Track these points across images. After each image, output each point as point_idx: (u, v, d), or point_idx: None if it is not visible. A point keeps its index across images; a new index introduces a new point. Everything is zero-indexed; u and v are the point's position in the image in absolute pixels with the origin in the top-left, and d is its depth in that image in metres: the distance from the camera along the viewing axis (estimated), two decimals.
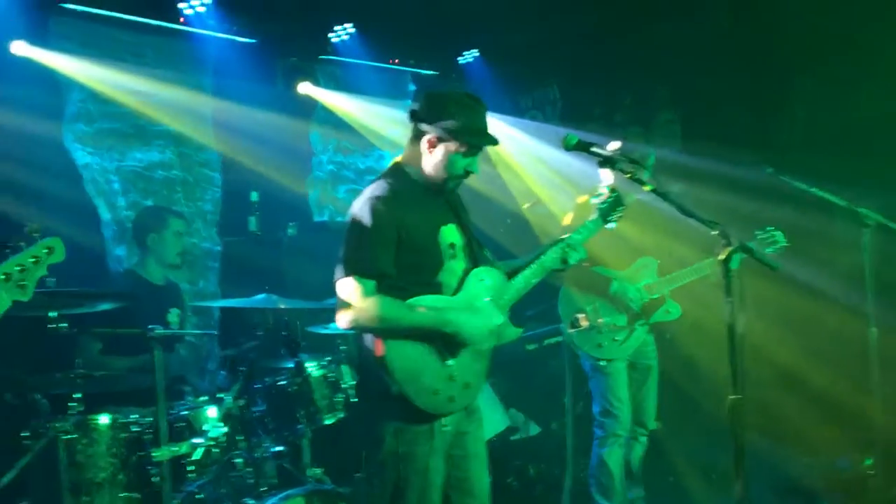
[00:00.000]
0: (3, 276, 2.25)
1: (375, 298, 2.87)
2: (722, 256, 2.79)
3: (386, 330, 2.87)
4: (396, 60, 6.94)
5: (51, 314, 3.35)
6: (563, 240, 3.32)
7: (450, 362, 2.93)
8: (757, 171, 4.74)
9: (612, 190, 3.73)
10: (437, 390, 2.90)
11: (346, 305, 2.88)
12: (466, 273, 3.11)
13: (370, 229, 2.91)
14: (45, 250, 2.38)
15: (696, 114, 6.71)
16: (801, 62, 6.12)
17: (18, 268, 2.29)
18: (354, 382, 4.37)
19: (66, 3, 4.65)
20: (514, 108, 7.30)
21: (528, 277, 3.23)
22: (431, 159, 3.04)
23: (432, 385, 2.89)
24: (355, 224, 2.96)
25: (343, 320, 2.90)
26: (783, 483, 5.09)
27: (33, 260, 2.32)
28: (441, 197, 3.15)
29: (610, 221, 3.70)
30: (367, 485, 4.66)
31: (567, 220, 4.58)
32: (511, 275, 3.23)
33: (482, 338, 3.02)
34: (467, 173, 3.08)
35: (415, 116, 3.08)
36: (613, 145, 3.28)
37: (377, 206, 2.94)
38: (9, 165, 4.48)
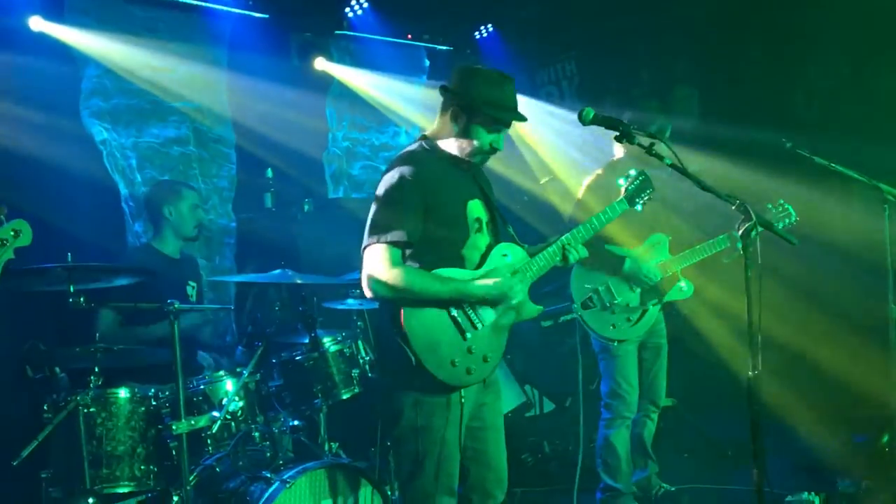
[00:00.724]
0: None
1: (402, 267, 2.89)
2: (741, 231, 2.78)
3: (410, 298, 2.88)
4: (410, 36, 6.90)
5: (70, 289, 3.36)
6: (560, 236, 3.31)
7: (469, 335, 2.95)
8: (776, 146, 4.69)
9: (641, 172, 3.75)
10: (456, 362, 2.91)
11: (372, 273, 2.89)
12: (489, 249, 3.12)
13: (399, 198, 2.93)
14: (12, 233, 2.38)
15: (715, 88, 6.64)
16: (821, 36, 6.03)
17: None
18: (371, 357, 4.41)
19: None
20: (530, 84, 7.24)
21: (550, 256, 3.23)
22: (457, 133, 3.06)
23: (451, 357, 2.91)
24: (384, 193, 2.97)
25: (369, 288, 2.91)
26: (800, 460, 5.09)
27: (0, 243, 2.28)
28: (468, 171, 3.15)
29: (637, 204, 3.72)
30: (386, 457, 4.74)
31: (580, 193, 4.55)
32: (533, 253, 3.22)
33: (504, 298, 3.02)
34: (493, 149, 3.08)
35: (445, 89, 3.10)
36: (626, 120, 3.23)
37: (406, 175, 2.95)
38: (28, 141, 4.50)
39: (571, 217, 4.48)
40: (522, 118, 3.10)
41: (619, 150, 4.60)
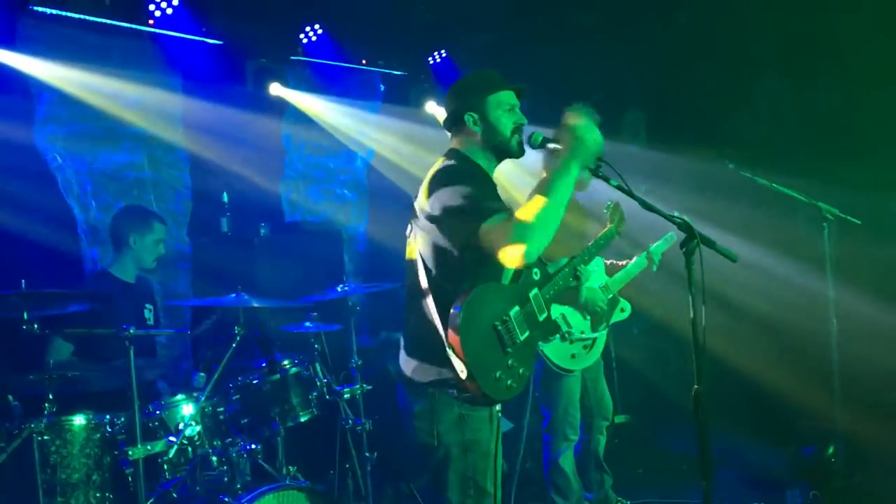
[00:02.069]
0: None
1: (517, 214, 2.74)
2: (684, 250, 2.89)
3: (550, 224, 2.72)
4: (365, 61, 6.98)
5: (24, 315, 3.35)
6: (574, 258, 3.38)
7: (509, 349, 2.91)
8: (719, 167, 4.86)
9: (616, 205, 3.86)
10: (499, 377, 2.87)
11: (509, 240, 2.70)
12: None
13: (471, 189, 2.85)
14: None
15: (662, 112, 6.83)
16: (764, 59, 6.25)
17: None
18: (329, 379, 4.44)
19: (35, 5, 4.63)
20: None
21: (565, 276, 3.28)
22: (482, 132, 3.06)
23: (495, 371, 2.86)
24: (452, 196, 2.86)
25: (510, 254, 2.70)
26: (750, 473, 5.21)
27: None
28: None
29: (620, 233, 3.83)
30: (345, 479, 4.75)
31: None
32: (553, 273, 3.27)
33: (594, 144, 2.89)
34: (519, 126, 3.08)
35: (449, 117, 3.12)
36: None
37: (464, 176, 2.92)
38: None
39: None
40: (523, 86, 3.14)
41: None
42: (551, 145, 3.00)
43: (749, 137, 6.36)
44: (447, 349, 2.81)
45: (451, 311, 2.82)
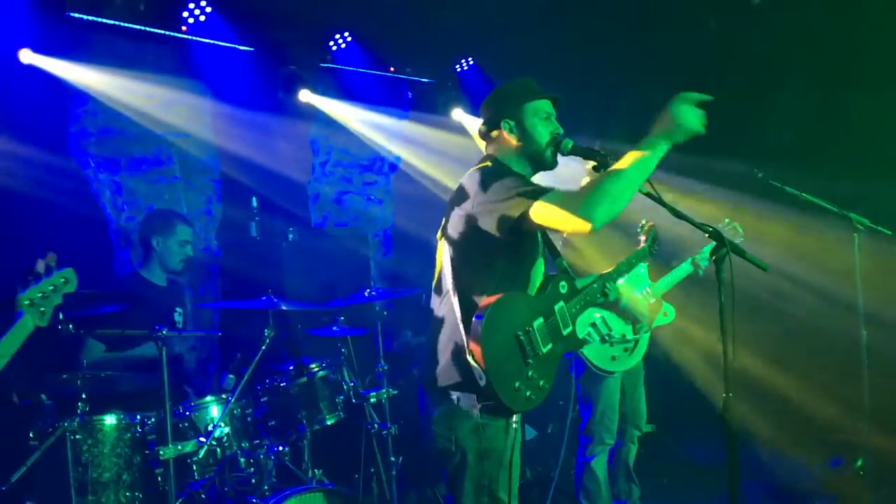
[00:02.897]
0: (27, 302, 2.38)
1: (585, 185, 2.74)
2: (713, 258, 2.88)
3: (622, 196, 2.69)
4: (393, 69, 7.03)
5: (59, 315, 3.40)
6: (603, 275, 3.35)
7: (531, 360, 2.89)
8: (748, 176, 4.83)
9: (651, 226, 3.88)
10: (519, 387, 2.86)
11: (566, 217, 2.69)
12: (545, 276, 3.10)
13: (515, 179, 2.86)
14: (62, 280, 2.51)
15: None
16: (793, 66, 6.21)
17: (40, 294, 2.42)
18: (355, 383, 4.47)
19: (72, 12, 4.72)
20: None
21: (593, 293, 3.26)
22: (520, 143, 3.06)
23: (515, 381, 2.85)
24: (496, 187, 2.84)
25: (575, 222, 2.67)
26: (777, 483, 5.17)
27: (52, 288, 2.46)
28: None
29: (653, 253, 3.83)
30: (370, 484, 4.76)
31: None
32: (580, 288, 3.23)
33: (694, 123, 2.87)
34: (556, 137, 3.06)
35: (485, 124, 3.15)
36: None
37: (502, 171, 2.93)
38: (16, 172, 4.56)
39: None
40: (559, 96, 3.14)
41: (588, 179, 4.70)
42: (590, 152, 3.00)
43: (777, 145, 6.32)
44: (468, 355, 2.81)
45: (475, 317, 2.82)
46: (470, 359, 2.80)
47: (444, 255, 3.04)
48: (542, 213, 2.73)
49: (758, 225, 4.76)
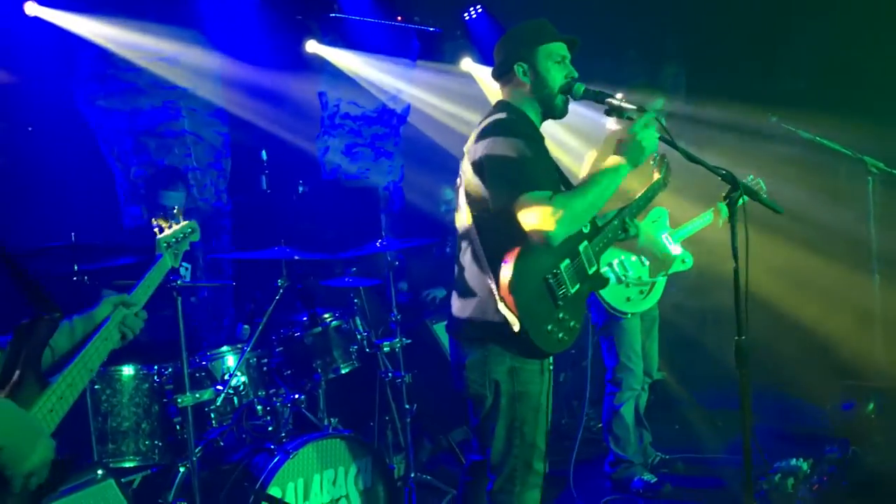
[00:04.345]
0: (165, 244, 2.53)
1: (558, 199, 2.76)
2: (727, 201, 2.87)
3: (587, 214, 2.83)
4: (400, 18, 6.94)
5: (75, 267, 3.43)
6: (622, 210, 3.31)
7: (560, 302, 2.91)
8: (762, 121, 4.78)
9: (663, 156, 3.84)
10: (551, 330, 2.88)
11: (540, 219, 2.73)
12: None
13: (520, 155, 2.83)
14: (189, 229, 2.64)
15: (702, 66, 6.72)
16: (808, 9, 6.10)
17: (174, 239, 2.57)
18: (368, 333, 4.49)
19: None
20: None
21: (614, 229, 3.22)
22: (533, 85, 3.02)
23: (547, 324, 2.87)
24: (501, 158, 2.85)
25: (546, 236, 2.73)
26: (789, 427, 5.20)
27: (182, 235, 2.61)
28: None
29: (667, 184, 3.81)
30: (384, 430, 4.82)
31: (583, 172, 4.61)
32: (601, 226, 3.22)
33: (650, 149, 2.91)
34: (571, 81, 3.02)
35: (499, 67, 3.09)
36: (620, 95, 3.29)
37: (518, 135, 2.88)
38: (25, 126, 4.55)
39: None
40: (574, 39, 3.08)
41: (612, 124, 4.67)
42: (603, 96, 2.97)
43: (792, 90, 6.24)
44: (499, 302, 2.82)
45: (502, 264, 2.82)
46: (502, 306, 2.81)
47: (463, 203, 3.02)
48: (521, 209, 2.76)
49: (770, 169, 4.70)
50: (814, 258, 5.56)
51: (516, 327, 2.80)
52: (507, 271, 2.81)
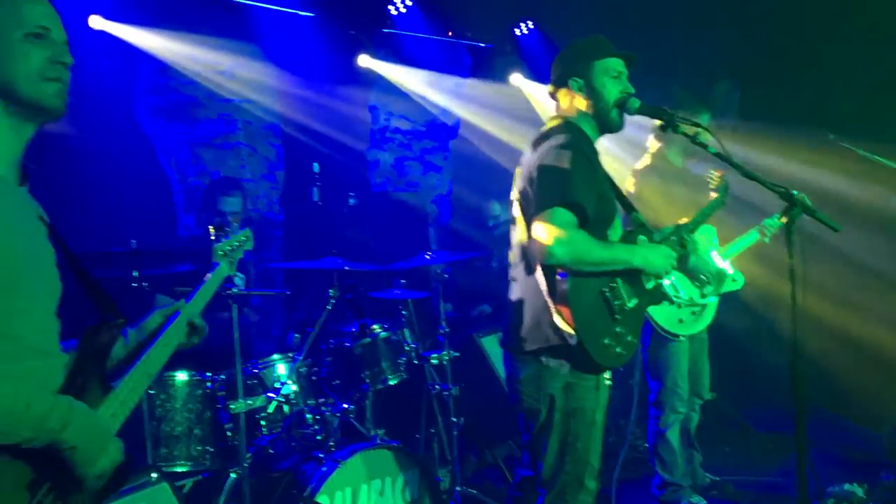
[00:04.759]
0: (221, 253, 2.55)
1: (581, 231, 2.80)
2: (784, 219, 2.83)
3: (586, 265, 2.82)
4: (451, 33, 6.99)
5: (134, 273, 3.51)
6: (680, 226, 3.31)
7: (618, 316, 2.90)
8: (818, 139, 4.71)
9: (721, 174, 3.82)
10: (608, 344, 2.86)
11: (555, 235, 2.76)
12: (623, 233, 3.11)
13: (570, 169, 2.83)
14: (244, 237, 2.67)
15: (755, 82, 6.64)
16: (865, 24, 6.00)
17: (230, 248, 2.59)
18: (417, 345, 4.51)
19: None
20: None
21: (672, 245, 3.20)
22: (589, 100, 3.04)
23: (604, 338, 2.86)
24: (552, 165, 2.86)
25: (547, 253, 2.77)
26: (843, 451, 5.08)
27: (237, 243, 2.63)
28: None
29: (726, 203, 3.79)
30: (430, 443, 4.82)
31: (630, 186, 4.58)
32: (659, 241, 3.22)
33: (663, 269, 3.02)
34: (626, 96, 3.03)
35: (555, 81, 3.12)
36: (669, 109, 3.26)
37: (571, 149, 2.89)
38: (87, 136, 4.68)
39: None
40: (632, 55, 3.10)
41: (653, 140, 4.63)
42: (656, 112, 2.97)
43: (848, 107, 6.12)
44: (555, 316, 2.81)
45: (558, 277, 2.81)
46: (558, 320, 2.81)
47: (518, 217, 3.02)
48: (545, 220, 2.79)
49: (826, 187, 4.62)
50: (870, 277, 5.44)
51: (573, 340, 2.79)
52: (563, 284, 2.80)
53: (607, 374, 3.00)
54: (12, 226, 1.79)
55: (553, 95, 3.16)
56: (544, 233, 2.78)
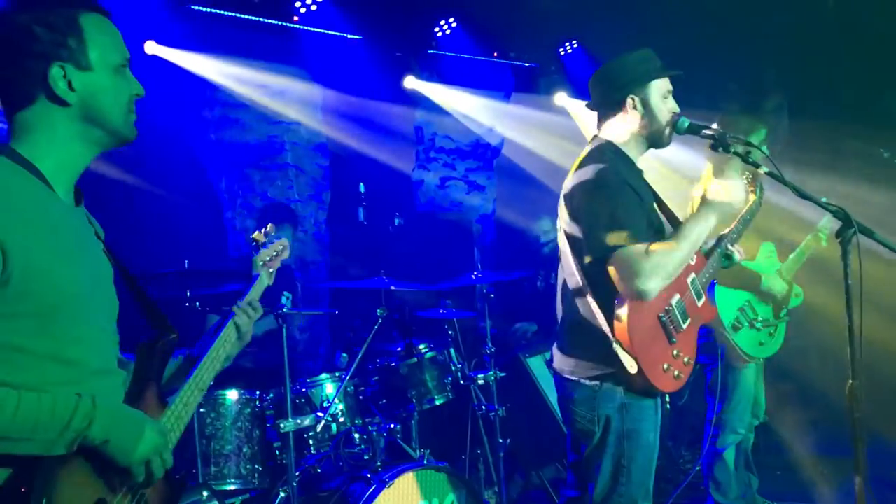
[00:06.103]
0: (261, 264, 2.55)
1: (647, 254, 2.71)
2: (840, 239, 2.77)
3: (678, 267, 2.75)
4: (496, 54, 7.03)
5: (187, 293, 3.57)
6: (723, 236, 3.24)
7: (674, 339, 2.86)
8: (871, 156, 4.62)
9: (756, 177, 3.75)
10: (667, 368, 2.83)
11: (634, 274, 2.68)
12: None
13: (616, 202, 2.79)
14: (281, 247, 2.66)
15: (807, 98, 6.54)
16: None
17: (269, 258, 2.59)
18: (463, 365, 4.51)
19: (193, 4, 4.94)
20: None
21: (718, 258, 3.17)
22: (644, 119, 2.98)
23: (663, 363, 2.82)
24: (597, 207, 2.80)
25: (637, 292, 2.69)
26: None
27: (275, 254, 2.63)
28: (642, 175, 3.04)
29: (762, 203, 3.73)
30: (476, 464, 4.80)
31: (690, 209, 4.51)
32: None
33: (740, 200, 2.91)
34: (676, 115, 2.97)
35: (606, 99, 3.03)
36: (714, 126, 3.20)
37: (610, 177, 2.84)
38: (138, 159, 4.79)
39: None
40: (679, 71, 3.05)
41: (708, 161, 4.58)
42: (707, 131, 2.92)
43: None
44: (614, 344, 2.75)
45: (616, 306, 2.75)
46: (617, 348, 2.75)
47: (564, 241, 2.97)
48: (617, 263, 2.71)
49: (883, 206, 4.53)
50: None
51: (633, 369, 2.73)
52: (622, 313, 2.73)
53: (667, 397, 2.94)
54: (74, 253, 1.81)
55: (600, 111, 3.07)
56: (624, 280, 2.71)
